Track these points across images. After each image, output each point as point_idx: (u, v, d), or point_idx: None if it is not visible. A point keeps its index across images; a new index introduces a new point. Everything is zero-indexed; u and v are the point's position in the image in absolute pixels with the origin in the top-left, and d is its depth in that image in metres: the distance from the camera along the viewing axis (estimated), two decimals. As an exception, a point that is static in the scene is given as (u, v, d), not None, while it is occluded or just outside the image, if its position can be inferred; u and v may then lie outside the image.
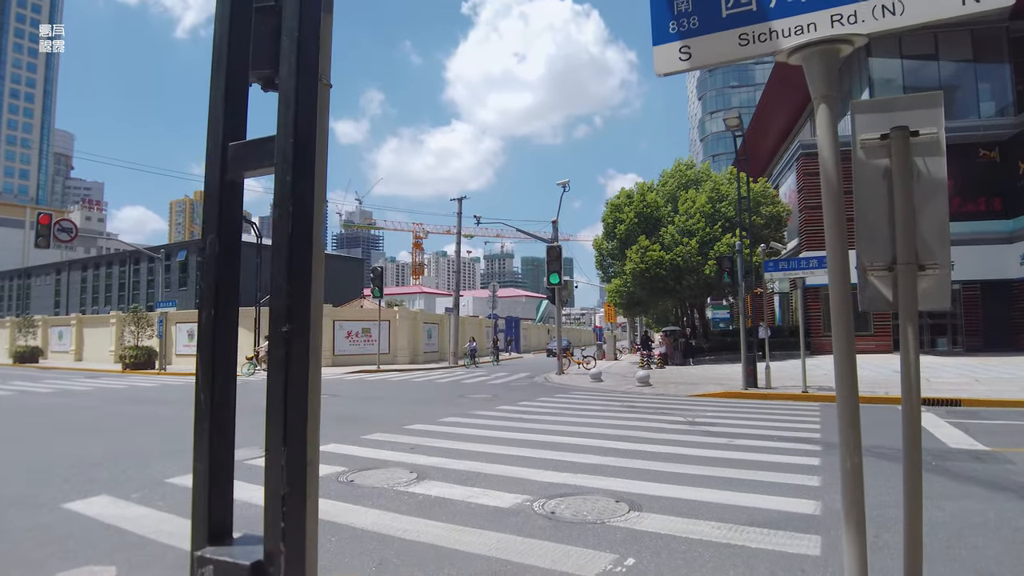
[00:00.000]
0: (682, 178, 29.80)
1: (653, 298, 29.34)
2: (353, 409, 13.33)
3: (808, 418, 11.11)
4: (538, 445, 8.45)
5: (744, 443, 8.46)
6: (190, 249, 40.76)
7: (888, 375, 18.73)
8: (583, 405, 13.57)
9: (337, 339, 31.63)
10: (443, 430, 9.91)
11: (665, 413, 11.92)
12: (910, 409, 2.61)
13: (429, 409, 12.98)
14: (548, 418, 11.33)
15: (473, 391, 17.28)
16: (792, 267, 15.13)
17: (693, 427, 10.02)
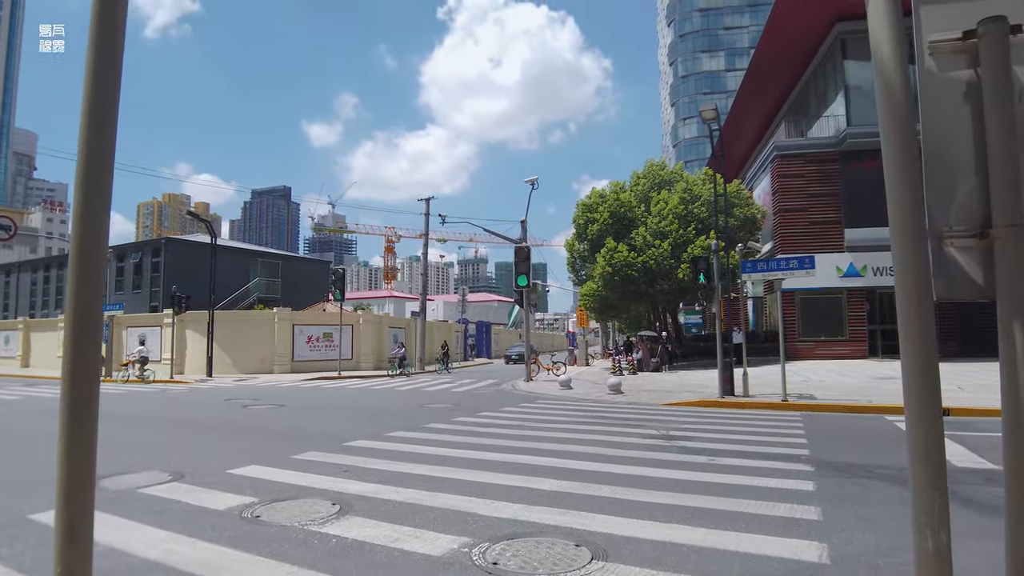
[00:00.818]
0: (655, 178, 29.05)
1: (625, 302, 28.51)
2: (294, 421, 12.08)
3: (792, 431, 10.20)
4: (492, 466, 7.34)
5: (726, 462, 7.46)
6: (144, 250, 38.86)
7: (867, 382, 18.04)
8: (548, 416, 12.51)
9: (297, 344, 30.18)
10: (388, 447, 8.75)
11: (637, 425, 10.91)
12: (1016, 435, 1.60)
13: (379, 421, 11.79)
14: (509, 432, 10.23)
15: (434, 400, 16.12)
16: (771, 268, 14.29)
17: (668, 442, 9.02)
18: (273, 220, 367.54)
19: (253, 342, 29.41)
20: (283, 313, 30.10)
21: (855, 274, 27.26)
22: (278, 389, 20.52)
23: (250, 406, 14.93)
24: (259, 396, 17.58)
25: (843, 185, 27.94)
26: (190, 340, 30.18)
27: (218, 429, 11.40)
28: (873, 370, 21.77)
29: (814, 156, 28.42)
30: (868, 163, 27.70)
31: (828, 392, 15.65)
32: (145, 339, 32.12)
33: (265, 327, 29.60)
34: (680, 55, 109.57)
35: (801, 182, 28.36)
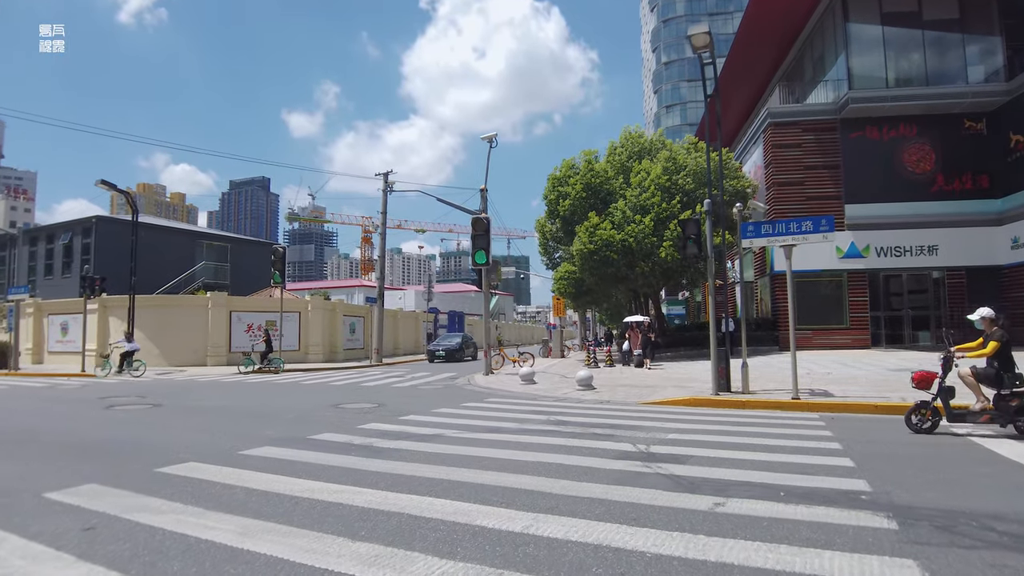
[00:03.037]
0: (634, 146, 25.98)
1: (603, 286, 25.48)
2: (141, 429, 8.87)
3: (821, 444, 7.22)
4: (347, 524, 4.26)
5: (744, 509, 4.44)
6: (75, 231, 35.07)
7: (884, 374, 15.21)
8: (492, 422, 9.42)
9: (235, 333, 26.79)
10: (221, 477, 5.64)
11: (605, 436, 7.87)
12: None
13: (254, 431, 8.63)
14: (420, 450, 7.13)
15: (361, 398, 12.97)
16: (778, 231, 11.28)
17: (647, 465, 5.98)
18: (252, 211, 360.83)
19: (184, 331, 26.00)
20: (218, 298, 26.67)
21: (857, 255, 24.51)
22: (191, 384, 17.25)
23: (116, 407, 11.69)
24: (151, 393, 14.32)
25: (844, 156, 25.16)
26: (114, 329, 26.68)
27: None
28: (885, 360, 18.98)
29: (811, 124, 25.57)
30: (872, 131, 24.99)
31: (843, 387, 12.76)
32: (68, 327, 28.70)
33: (198, 314, 26.19)
34: (663, 41, 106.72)
35: (797, 153, 25.52)
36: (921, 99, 24.33)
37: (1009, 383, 7.45)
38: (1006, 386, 7.47)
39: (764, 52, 30.79)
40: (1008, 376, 7.48)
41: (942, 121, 24.61)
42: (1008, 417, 7.39)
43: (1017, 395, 7.37)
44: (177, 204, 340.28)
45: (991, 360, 7.70)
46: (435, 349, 30.24)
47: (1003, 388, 7.47)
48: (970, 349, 7.93)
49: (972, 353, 7.86)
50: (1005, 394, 7.44)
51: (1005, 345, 7.60)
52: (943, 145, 24.66)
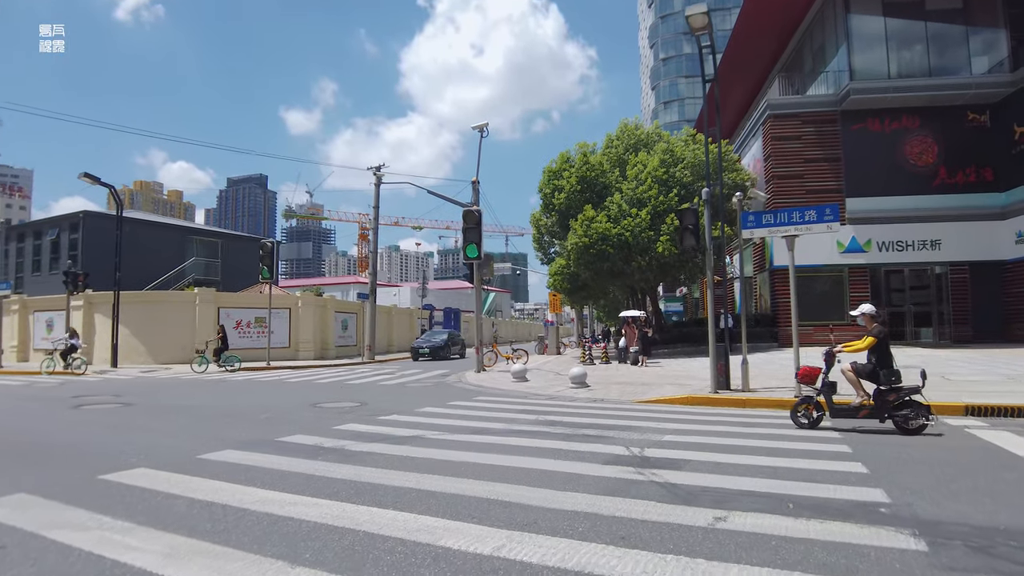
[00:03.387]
0: (630, 139, 25.39)
1: (599, 281, 24.90)
2: (102, 431, 8.31)
3: (830, 448, 6.68)
4: (283, 551, 3.71)
5: (748, 525, 3.90)
6: (62, 226, 34.45)
7: (890, 372, 14.63)
8: (477, 422, 8.88)
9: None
10: (158, 484, 5.08)
11: (596, 438, 7.33)
12: None
13: (224, 430, 8.08)
14: (395, 454, 6.58)
15: (344, 397, 12.40)
16: (780, 221, 10.74)
17: (641, 472, 5.43)
18: (250, 209, 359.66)
19: (172, 327, 25.39)
20: (206, 294, 26.07)
21: (858, 249, 23.98)
22: (173, 382, 16.67)
23: (86, 406, 11.11)
24: (128, 392, 13.75)
25: (845, 149, 24.60)
26: (99, 325, 26.11)
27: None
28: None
29: (812, 116, 25.00)
30: (873, 123, 24.45)
31: (847, 385, 12.21)
32: (53, 324, 28.07)
33: (185, 310, 25.59)
34: (661, 37, 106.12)
35: (797, 145, 24.95)
36: (923, 90, 23.78)
37: (885, 379, 7.60)
38: (882, 382, 7.60)
39: (763, 44, 30.22)
40: (884, 372, 7.63)
41: (945, 113, 24.07)
42: (886, 411, 7.53)
43: (895, 390, 7.52)
44: (174, 201, 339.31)
45: (869, 356, 7.85)
46: (420, 346, 28.76)
47: (880, 383, 7.62)
48: (853, 345, 8.08)
49: (849, 348, 8.02)
50: (884, 389, 7.57)
51: (881, 341, 7.79)
52: (946, 137, 24.12)
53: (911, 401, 7.48)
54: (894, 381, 7.59)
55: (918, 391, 7.47)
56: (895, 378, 7.61)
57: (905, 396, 7.48)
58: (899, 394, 7.49)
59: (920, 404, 7.42)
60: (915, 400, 7.48)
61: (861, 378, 7.87)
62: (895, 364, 7.78)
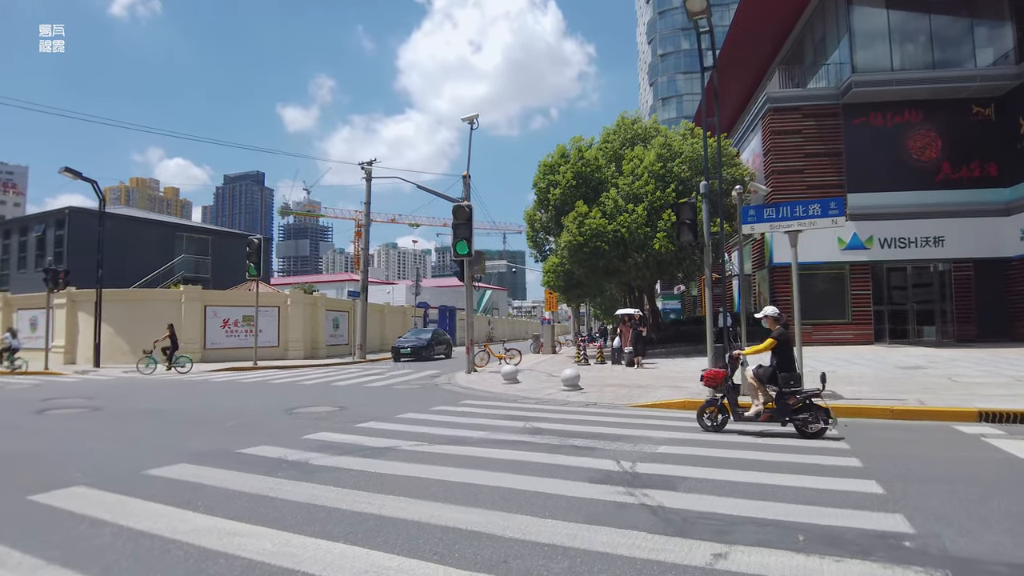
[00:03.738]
0: (627, 133, 24.79)
1: (594, 279, 24.32)
2: (54, 439, 7.70)
3: (837, 458, 6.13)
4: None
5: (747, 564, 3.34)
6: (48, 222, 33.78)
7: (894, 372, 14.14)
8: (459, 430, 8.31)
9: (210, 328, 25.58)
10: (92, 513, 4.52)
11: (585, 449, 6.76)
12: None
13: (184, 439, 7.49)
14: (362, 469, 6.01)
15: (324, 400, 11.82)
16: (782, 216, 10.17)
17: (632, 494, 4.86)
18: (246, 206, 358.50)
19: (157, 326, 24.68)
20: (191, 292, 25.45)
21: (859, 246, 23.44)
22: (152, 383, 16.09)
23: (51, 410, 10.53)
24: (101, 394, 13.15)
25: (846, 143, 24.06)
26: (82, 324, 25.51)
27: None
28: (890, 357, 17.94)
29: (812, 109, 24.44)
30: (875, 117, 23.91)
31: (852, 387, 11.71)
32: (37, 323, 27.40)
33: (171, 308, 24.95)
34: (659, 33, 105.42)
35: (797, 139, 24.40)
36: (927, 83, 23.24)
37: (783, 381, 7.52)
38: (780, 385, 7.52)
39: (763, 36, 29.61)
40: (783, 375, 7.55)
41: (948, 106, 23.53)
42: (787, 414, 7.43)
43: (795, 393, 7.45)
44: (171, 199, 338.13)
45: (772, 359, 7.74)
46: (401, 346, 26.63)
47: (781, 387, 7.52)
48: (755, 348, 8.02)
49: (751, 351, 7.99)
50: (785, 392, 7.49)
51: (782, 344, 7.68)
52: (949, 131, 23.59)
53: (811, 404, 7.37)
54: (793, 384, 7.52)
55: (818, 394, 7.41)
56: (794, 381, 7.55)
57: (805, 399, 7.38)
58: (799, 397, 7.40)
59: (819, 407, 7.34)
60: (815, 403, 7.38)
61: (763, 381, 7.73)
62: (797, 368, 7.74)
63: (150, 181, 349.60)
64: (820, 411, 7.34)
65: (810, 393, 7.44)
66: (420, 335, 28.81)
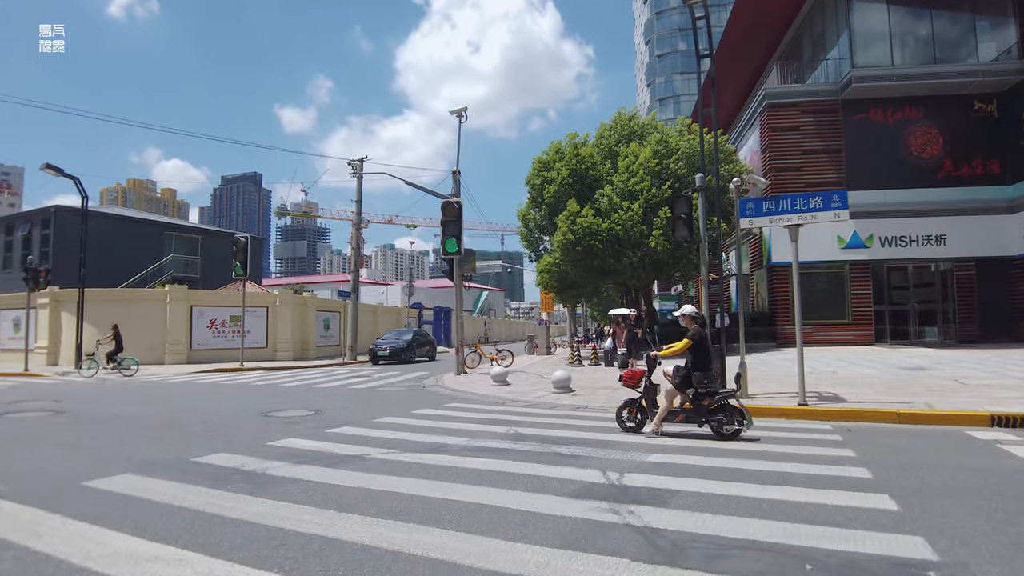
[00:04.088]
0: (623, 130, 24.28)
1: (588, 279, 23.79)
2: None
3: (843, 468, 5.60)
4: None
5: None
6: (34, 221, 33.17)
7: (898, 374, 13.63)
8: (438, 436, 7.78)
9: (196, 329, 25.01)
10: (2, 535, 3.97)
11: (569, 457, 6.24)
12: None
13: (139, 447, 6.95)
14: (323, 481, 5.48)
15: (302, 403, 11.27)
16: (782, 209, 9.65)
17: (615, 511, 4.33)
18: (244, 207, 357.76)
19: (143, 327, 24.17)
20: (177, 292, 24.87)
21: (859, 245, 22.96)
22: (129, 385, 15.54)
23: (12, 414, 9.97)
24: (72, 397, 12.60)
25: (845, 140, 23.59)
26: (66, 324, 24.92)
27: None
28: (892, 358, 17.43)
29: (811, 105, 23.96)
30: (875, 113, 23.44)
31: (855, 390, 11.20)
32: (20, 323, 26.80)
33: (156, 309, 24.40)
34: (656, 33, 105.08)
35: (795, 136, 23.92)
36: (928, 78, 22.78)
37: (698, 381, 7.36)
38: (696, 385, 7.36)
39: (760, 32, 29.13)
40: (697, 375, 7.39)
41: (950, 102, 23.06)
42: (703, 415, 7.28)
43: (711, 394, 7.30)
44: (168, 200, 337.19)
45: (688, 358, 7.58)
46: (378, 348, 25.07)
47: (697, 387, 7.36)
48: (671, 348, 7.82)
49: (668, 351, 7.79)
50: (701, 392, 7.34)
51: (698, 344, 7.52)
52: (951, 128, 23.12)
53: (727, 405, 7.20)
54: (708, 384, 7.36)
55: (733, 395, 7.29)
56: (709, 381, 7.39)
57: (721, 400, 7.22)
58: (714, 398, 7.24)
59: (734, 408, 7.18)
60: (730, 404, 7.21)
61: (679, 381, 7.53)
62: (712, 368, 7.67)
63: (147, 182, 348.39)
64: (735, 412, 7.16)
65: (726, 394, 7.28)
66: (400, 336, 27.12)
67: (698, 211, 10.43)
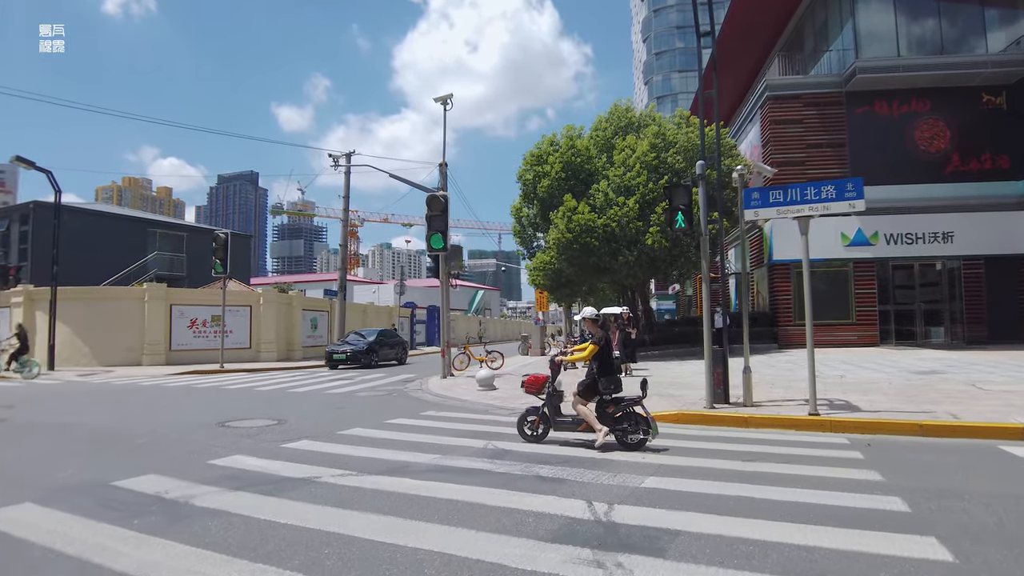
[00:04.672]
0: (620, 122, 23.40)
1: (583, 277, 22.90)
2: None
3: (872, 497, 4.73)
4: None
5: None
6: (12, 217, 32.20)
7: (910, 379, 12.77)
8: (405, 452, 6.90)
9: (176, 329, 24.08)
10: None
11: (552, 481, 5.37)
12: None
13: (60, 464, 6.05)
14: (251, 515, 4.60)
15: (268, 411, 10.37)
16: (791, 199, 8.76)
17: (599, 561, 3.45)
18: (240, 206, 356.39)
19: (120, 326, 23.24)
20: (156, 290, 23.92)
21: (864, 242, 22.12)
22: (99, 389, 14.63)
23: (-57, 425, 9.06)
24: (25, 402, 11.69)
25: (849, 133, 22.76)
26: (40, 323, 23.92)
27: None
28: (900, 360, 16.59)
29: (814, 97, 23.13)
30: (880, 106, 22.61)
31: (868, 397, 10.33)
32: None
33: (134, 308, 23.44)
34: (654, 31, 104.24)
35: (798, 129, 23.08)
36: (935, 70, 21.95)
37: (604, 388, 6.90)
38: (602, 392, 6.92)
39: (761, 23, 28.23)
40: (603, 380, 6.92)
41: (958, 94, 22.24)
42: (608, 425, 6.79)
43: (615, 401, 6.87)
44: (163, 198, 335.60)
45: (592, 364, 7.09)
46: (335, 351, 22.28)
47: (602, 394, 6.92)
48: (576, 354, 7.47)
49: (572, 357, 7.51)
50: (606, 400, 6.91)
51: (604, 348, 7.08)
52: (959, 121, 22.30)
53: (632, 413, 6.77)
54: (613, 390, 6.89)
55: (639, 402, 6.81)
56: (614, 387, 6.91)
57: (626, 408, 6.78)
58: (619, 405, 6.80)
59: (640, 416, 6.72)
60: (635, 412, 6.77)
61: (583, 389, 7.05)
62: (618, 374, 7.22)
63: (143, 181, 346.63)
64: (640, 420, 6.70)
65: (631, 401, 6.81)
66: (363, 337, 23.81)
67: (698, 202, 9.55)
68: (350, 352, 22.09)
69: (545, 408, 7.23)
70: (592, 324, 7.28)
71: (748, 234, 25.07)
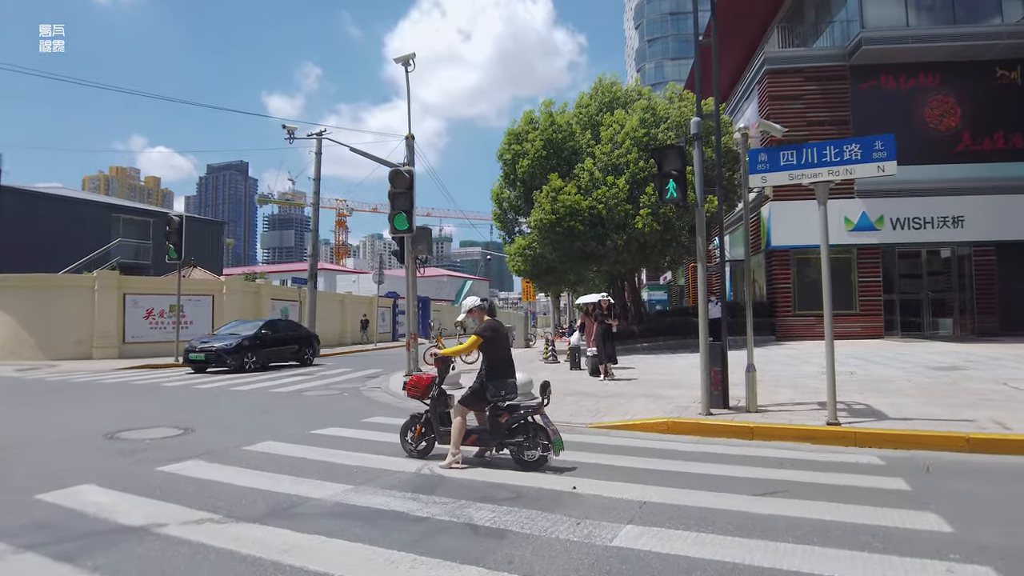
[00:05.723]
0: (605, 98, 21.72)
1: (568, 264, 21.31)
2: None
3: (952, 567, 3.17)
4: None
5: None
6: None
7: (932, 376, 11.27)
8: (306, 484, 5.33)
9: (130, 319, 22.33)
10: None
11: (486, 535, 3.79)
12: None
13: None
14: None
15: (181, 417, 8.75)
16: (807, 161, 7.19)
17: None
18: (230, 196, 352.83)
19: (69, 317, 21.48)
20: (107, 278, 22.15)
21: (868, 227, 20.62)
22: (23, 385, 12.96)
23: None
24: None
25: (853, 110, 21.20)
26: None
27: None
28: (912, 355, 15.12)
29: (816, 71, 21.54)
30: (887, 80, 21.06)
31: (889, 400, 8.80)
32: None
33: (84, 297, 21.67)
34: (646, 18, 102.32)
35: (799, 106, 21.51)
36: (945, 41, 20.39)
37: (493, 393, 5.64)
38: (489, 396, 5.65)
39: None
40: (492, 384, 5.66)
41: (970, 69, 20.70)
42: (500, 437, 5.58)
43: (509, 409, 5.64)
44: (152, 188, 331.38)
45: (482, 364, 5.86)
46: (192, 348, 17.02)
47: (492, 399, 5.64)
48: (455, 347, 6.38)
49: (451, 351, 6.26)
50: (499, 408, 5.65)
51: (489, 343, 5.78)
52: (971, 97, 20.78)
53: (529, 424, 5.52)
54: (504, 395, 5.66)
55: (538, 410, 5.55)
56: (506, 391, 5.68)
57: (522, 417, 5.54)
58: (514, 415, 5.56)
59: (539, 428, 5.47)
60: (534, 422, 5.50)
61: (469, 394, 5.80)
62: (511, 377, 5.79)
63: (130, 170, 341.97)
64: (540, 432, 5.45)
65: (528, 409, 5.57)
66: (234, 331, 18.13)
67: (693, 168, 7.96)
68: (215, 351, 16.68)
69: (428, 415, 5.99)
70: (480, 313, 6.00)
71: (753, 213, 23.53)
